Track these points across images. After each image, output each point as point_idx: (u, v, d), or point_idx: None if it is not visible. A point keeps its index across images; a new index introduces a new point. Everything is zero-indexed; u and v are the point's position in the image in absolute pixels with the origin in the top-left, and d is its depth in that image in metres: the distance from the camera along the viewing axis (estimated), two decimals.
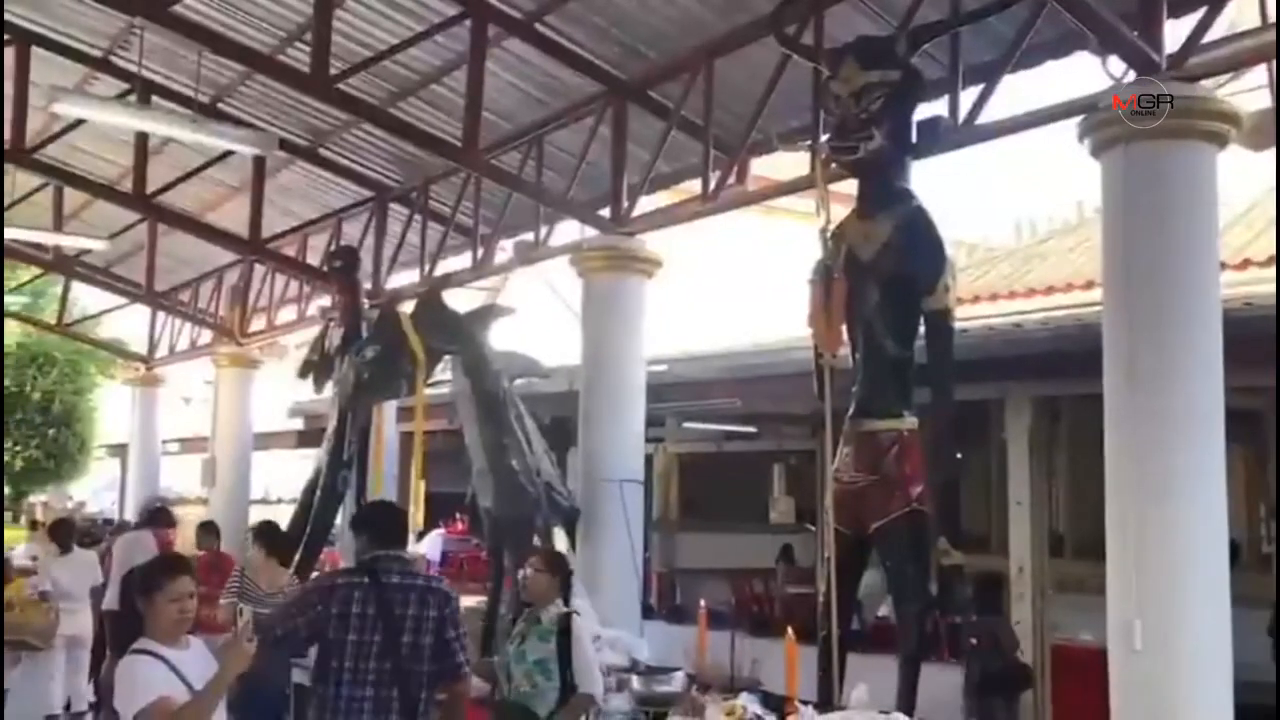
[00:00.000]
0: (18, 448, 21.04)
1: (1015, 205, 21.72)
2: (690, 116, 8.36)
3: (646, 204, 9.12)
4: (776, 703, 5.36)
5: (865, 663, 5.95)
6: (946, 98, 6.53)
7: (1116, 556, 5.24)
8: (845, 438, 5.92)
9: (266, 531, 7.21)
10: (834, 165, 6.20)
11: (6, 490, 20.82)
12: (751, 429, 12.10)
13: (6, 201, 13.11)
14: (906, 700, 5.46)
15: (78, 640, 9.25)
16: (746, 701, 5.27)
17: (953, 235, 6.50)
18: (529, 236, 10.20)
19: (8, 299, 17.82)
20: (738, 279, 15.83)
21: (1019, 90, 6.71)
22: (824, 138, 6.60)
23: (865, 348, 5.90)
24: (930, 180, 6.26)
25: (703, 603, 7.18)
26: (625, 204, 8.84)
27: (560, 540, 8.97)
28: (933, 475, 5.80)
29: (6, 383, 20.80)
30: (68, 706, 9.35)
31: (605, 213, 9.03)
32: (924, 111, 6.26)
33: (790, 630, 5.17)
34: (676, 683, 6.32)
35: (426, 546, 11.02)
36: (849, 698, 5.25)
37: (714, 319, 14.13)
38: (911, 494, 5.72)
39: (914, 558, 5.74)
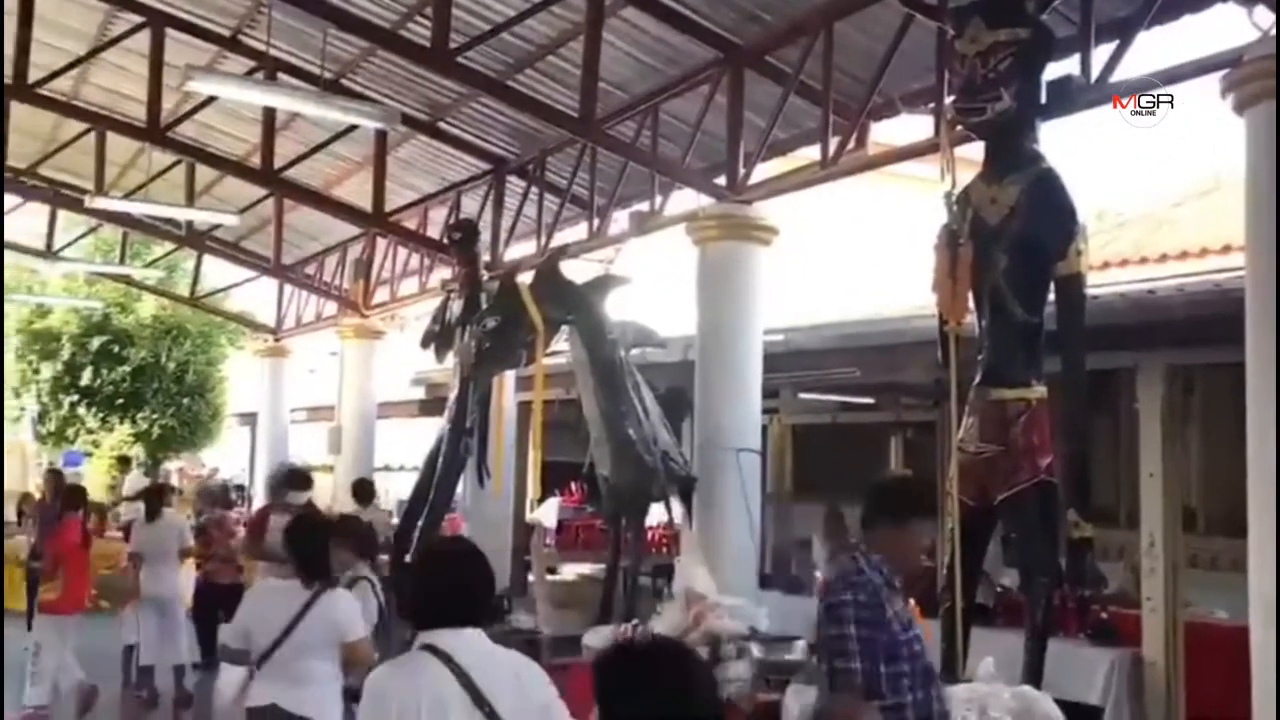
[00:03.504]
0: (155, 415, 21.99)
1: (1147, 168, 20.93)
2: (808, 81, 8.23)
3: (763, 171, 9.03)
4: None
5: (990, 637, 5.84)
6: (1078, 56, 6.28)
7: (1259, 533, 5.03)
8: (970, 407, 5.79)
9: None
10: (959, 128, 6.05)
11: (144, 456, 21.78)
12: (869, 400, 11.93)
13: (143, 179, 13.67)
14: (1033, 676, 5.34)
15: (161, 599, 9.56)
16: None
17: (1083, 199, 6.27)
18: (644, 206, 10.21)
19: (145, 273, 18.57)
20: (857, 247, 15.60)
21: (1154, 46, 6.44)
22: (949, 99, 6.44)
23: (992, 315, 5.75)
24: (1061, 142, 6.07)
25: (819, 574, 7.13)
26: (742, 171, 8.77)
27: (676, 509, 9.01)
28: (1062, 446, 5.64)
29: (143, 353, 21.76)
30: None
31: (721, 181, 8.97)
32: (1054, 71, 6.05)
33: (912, 602, 5.09)
34: (798, 651, 6.29)
35: (544, 514, 11.15)
36: (974, 671, 5.16)
37: (832, 288, 13.96)
38: (1039, 465, 5.57)
39: (1042, 530, 5.61)
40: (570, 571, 12.33)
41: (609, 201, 10.66)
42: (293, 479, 10.10)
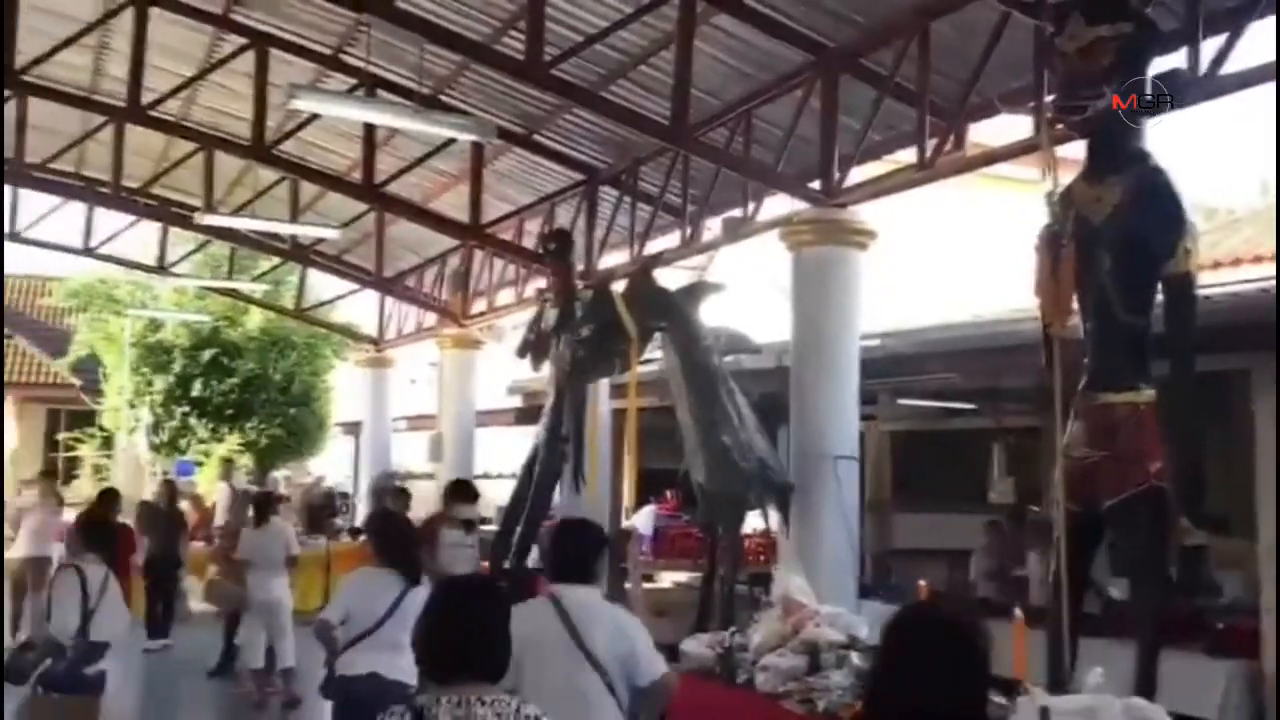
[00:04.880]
0: (262, 425, 22.62)
1: (1260, 164, 20.19)
2: (903, 82, 8.13)
3: (858, 175, 8.95)
4: (1003, 684, 5.18)
5: (1101, 648, 5.68)
6: (1185, 49, 6.11)
7: None
8: (1076, 412, 5.64)
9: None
10: (1060, 126, 5.90)
11: (252, 465, 22.40)
12: (970, 405, 11.71)
13: (250, 196, 14.10)
14: (1146, 688, 5.17)
15: (269, 605, 9.74)
16: None
17: (1192, 198, 6.08)
18: (737, 212, 10.19)
19: (252, 286, 19.12)
20: (955, 250, 15.34)
21: (1264, 39, 6.22)
22: (1049, 98, 6.30)
23: (1097, 317, 5.59)
24: (1169, 138, 5.89)
25: (922, 582, 7.01)
26: (837, 175, 8.70)
27: (773, 517, 8.95)
28: (1172, 451, 5.46)
29: (251, 365, 22.40)
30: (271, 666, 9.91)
31: (816, 185, 8.91)
32: (1160, 65, 5.87)
33: (1018, 611, 4.99)
34: None
35: (640, 522, 11.17)
36: (1082, 682, 5.02)
37: (930, 292, 13.74)
38: (1149, 470, 5.39)
39: (1151, 538, 5.42)
40: (667, 579, 12.33)
41: (701, 209, 10.66)
42: (460, 493, 10.15)
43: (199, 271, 19.86)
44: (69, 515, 12.18)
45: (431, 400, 17.17)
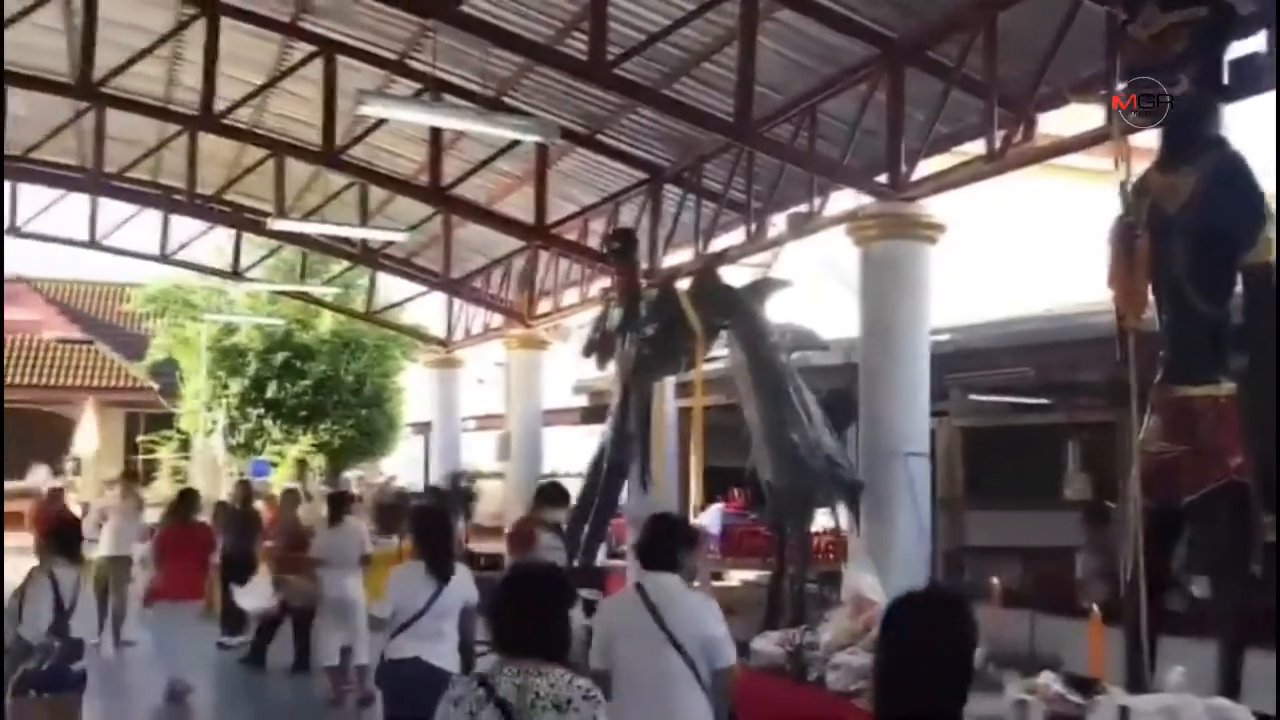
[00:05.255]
0: (335, 427, 22.99)
1: None
2: (970, 73, 8.02)
3: (925, 168, 8.84)
4: (1080, 683, 5.09)
5: (1183, 647, 5.55)
6: (1264, 33, 5.94)
7: None
8: (1153, 406, 5.51)
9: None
10: (1134, 115, 5.77)
11: (325, 465, 22.77)
12: (1044, 400, 11.51)
13: (320, 201, 14.32)
14: (1229, 688, 5.05)
15: (344, 603, 9.83)
16: (1049, 680, 5.03)
17: (1272, 185, 5.91)
18: (802, 208, 10.12)
19: (323, 290, 19.43)
20: (1026, 242, 15.09)
21: None
22: (1121, 86, 6.16)
23: (1173, 309, 5.47)
24: (1245, 126, 5.72)
25: (996, 580, 6.91)
26: (904, 169, 8.60)
27: (843, 514, 8.88)
28: (1254, 445, 5.31)
29: (323, 367, 22.77)
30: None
31: (882, 179, 8.82)
32: (1237, 50, 5.72)
33: (1096, 609, 4.90)
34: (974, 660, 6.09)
35: (707, 521, 11.16)
36: (1163, 681, 4.92)
37: (1001, 285, 13.53)
38: (1229, 465, 5.26)
39: (1233, 534, 5.29)
40: (735, 577, 12.30)
41: (766, 205, 10.61)
42: (551, 496, 10.24)
43: (271, 276, 20.22)
44: (149, 516, 12.50)
45: (499, 400, 17.32)
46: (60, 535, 6.36)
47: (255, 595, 11.16)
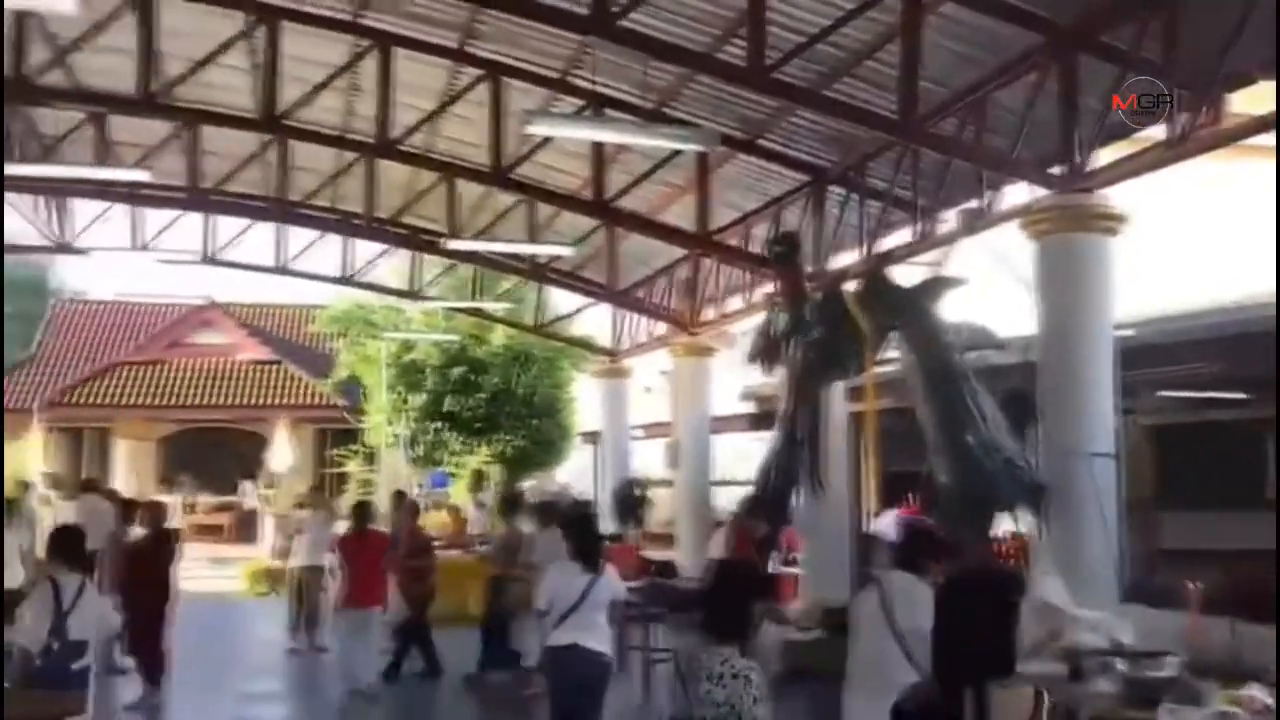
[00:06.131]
0: (509, 438, 23.55)
1: None
2: (1147, 56, 7.65)
3: (1102, 157, 8.48)
4: None
5: None
6: None
7: None
8: None
9: None
10: None
11: (500, 475, 23.35)
12: (1241, 395, 10.87)
13: (490, 220, 14.74)
14: None
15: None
16: (1256, 692, 4.75)
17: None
18: (972, 204, 9.86)
19: (494, 305, 19.97)
20: (1215, 230, 14.28)
21: None
22: None
23: None
24: None
25: (1193, 585, 6.57)
26: (1079, 158, 8.28)
27: (1025, 518, 8.59)
28: None
29: (496, 380, 23.38)
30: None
31: (1057, 170, 8.52)
32: None
33: None
34: (1170, 668, 5.80)
35: (883, 527, 10.94)
36: None
37: (1186, 276, 12.84)
38: None
39: None
40: None
41: (934, 202, 10.38)
42: (757, 509, 10.34)
43: (446, 293, 20.89)
44: (339, 527, 13.07)
45: (666, 408, 17.43)
46: (62, 541, 6.58)
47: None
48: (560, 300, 20.10)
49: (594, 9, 8.55)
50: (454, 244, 14.14)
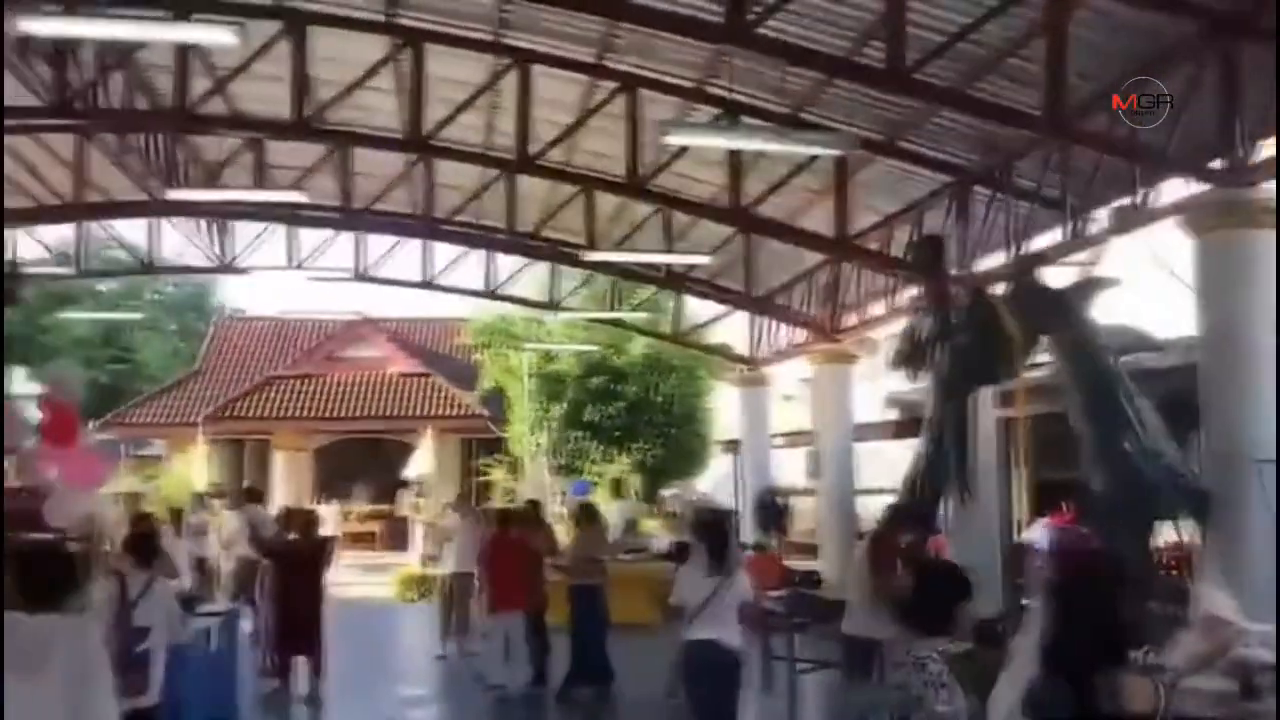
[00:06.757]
0: (647, 447, 23.70)
1: None
2: None
3: (1267, 149, 8.07)
4: None
5: None
6: None
7: None
8: None
9: None
10: None
11: (642, 485, 23.50)
12: None
13: (627, 230, 14.86)
14: None
15: None
16: None
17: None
18: (1126, 201, 9.50)
19: (633, 315, 20.12)
20: None
21: None
22: None
23: None
24: None
25: None
26: (1241, 151, 7.90)
27: (1187, 527, 8.23)
28: None
29: (635, 389, 23.58)
30: None
31: (1217, 164, 8.14)
32: None
33: None
34: None
35: (1034, 535, 10.60)
36: None
37: None
38: None
39: None
40: None
41: (1085, 200, 10.04)
42: (902, 519, 10.26)
43: (585, 304, 21.16)
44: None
45: (807, 416, 17.26)
46: (133, 541, 7.04)
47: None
48: (697, 309, 20.13)
49: (729, 17, 8.55)
50: (593, 255, 14.30)
